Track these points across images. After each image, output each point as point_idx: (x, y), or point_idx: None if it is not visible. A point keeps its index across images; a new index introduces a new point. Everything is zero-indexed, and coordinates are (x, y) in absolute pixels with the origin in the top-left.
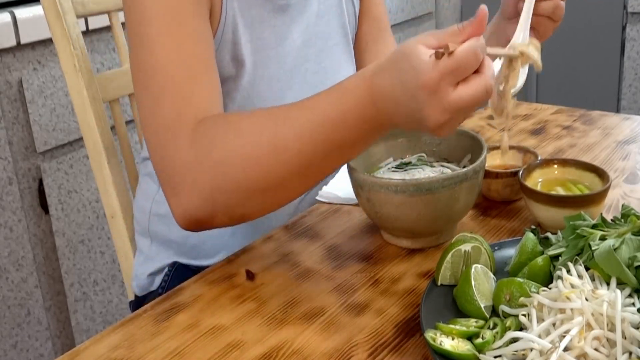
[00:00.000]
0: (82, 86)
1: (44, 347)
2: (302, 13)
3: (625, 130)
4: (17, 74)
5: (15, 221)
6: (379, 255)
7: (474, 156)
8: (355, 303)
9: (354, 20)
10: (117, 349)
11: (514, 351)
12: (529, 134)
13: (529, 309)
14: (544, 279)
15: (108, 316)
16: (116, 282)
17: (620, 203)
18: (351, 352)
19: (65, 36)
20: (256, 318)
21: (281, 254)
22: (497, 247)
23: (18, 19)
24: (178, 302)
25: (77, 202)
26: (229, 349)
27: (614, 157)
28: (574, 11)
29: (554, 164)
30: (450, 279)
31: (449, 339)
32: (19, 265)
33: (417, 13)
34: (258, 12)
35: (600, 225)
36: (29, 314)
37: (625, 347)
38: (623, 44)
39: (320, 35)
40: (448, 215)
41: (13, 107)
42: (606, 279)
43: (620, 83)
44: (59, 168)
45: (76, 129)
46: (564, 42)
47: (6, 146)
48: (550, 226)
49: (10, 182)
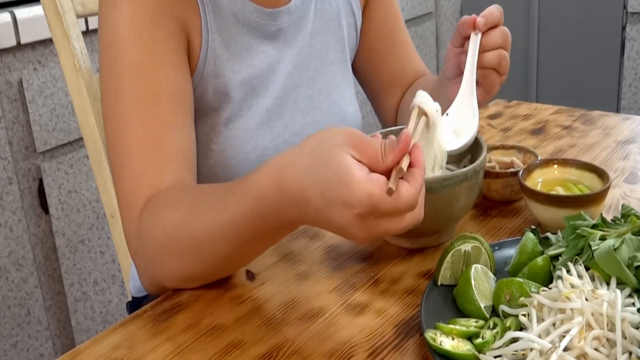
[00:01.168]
0: (82, 86)
1: (44, 347)
2: (296, 35)
3: (625, 130)
4: (17, 74)
5: (15, 221)
6: (379, 255)
7: (474, 156)
8: (355, 303)
9: (354, 34)
10: (117, 349)
11: (514, 351)
12: (529, 134)
13: (529, 309)
14: (544, 279)
15: (108, 316)
16: (116, 282)
17: (620, 203)
18: (351, 352)
19: (65, 36)
20: (256, 318)
21: (281, 254)
22: (497, 247)
23: (18, 19)
24: (178, 302)
25: (77, 202)
26: (229, 349)
27: (614, 157)
28: (574, 11)
29: (554, 164)
30: (450, 279)
31: (449, 339)
32: (19, 265)
33: (417, 13)
34: (245, 40)
35: (600, 225)
36: (29, 313)
37: (625, 347)
38: (623, 44)
39: (315, 55)
40: (448, 215)
41: (13, 107)
42: (606, 279)
43: (620, 83)
44: (59, 168)
45: (76, 129)
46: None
47: (6, 146)
48: (550, 226)
49: (10, 182)
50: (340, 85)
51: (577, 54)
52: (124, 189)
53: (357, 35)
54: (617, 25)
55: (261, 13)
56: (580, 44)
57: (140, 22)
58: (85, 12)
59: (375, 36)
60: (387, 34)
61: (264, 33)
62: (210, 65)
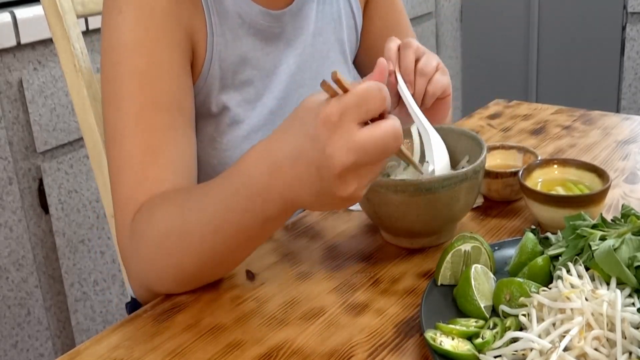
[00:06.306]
0: (82, 86)
1: (44, 347)
2: (298, 36)
3: (625, 130)
4: (17, 74)
5: (15, 221)
6: (379, 255)
7: (474, 156)
8: (355, 303)
9: (354, 36)
10: (117, 349)
11: (514, 351)
12: (529, 134)
13: (529, 309)
14: (544, 279)
15: (108, 316)
16: (116, 282)
17: (620, 203)
18: (351, 352)
19: (65, 36)
20: (256, 318)
21: (281, 254)
22: (497, 247)
23: (18, 19)
24: (178, 302)
25: (77, 202)
26: (229, 349)
27: (614, 157)
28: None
29: (554, 164)
30: (450, 279)
31: (449, 339)
32: (19, 265)
33: (417, 13)
34: (250, 42)
35: (600, 225)
36: (29, 313)
37: (625, 347)
38: (623, 44)
39: (316, 55)
40: (448, 215)
41: (13, 107)
42: (606, 279)
43: (620, 83)
44: (59, 168)
45: (76, 129)
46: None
47: (6, 146)
48: (550, 226)
49: (10, 182)
50: None
51: (577, 54)
52: (121, 193)
53: (358, 37)
54: (617, 25)
55: (267, 15)
56: (580, 44)
57: (145, 29)
58: (85, 12)
59: (375, 35)
60: (388, 33)
61: (269, 35)
62: (215, 67)
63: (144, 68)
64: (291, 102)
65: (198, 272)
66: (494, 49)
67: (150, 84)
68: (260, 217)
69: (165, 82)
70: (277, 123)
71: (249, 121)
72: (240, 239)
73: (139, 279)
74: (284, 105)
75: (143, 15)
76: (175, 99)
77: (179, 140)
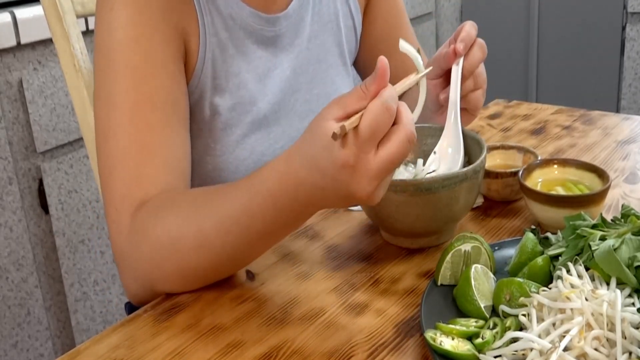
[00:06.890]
0: (82, 86)
1: (44, 347)
2: (293, 40)
3: (625, 130)
4: (17, 74)
5: (15, 221)
6: (379, 255)
7: (474, 156)
8: (355, 303)
9: (353, 37)
10: (117, 349)
11: (514, 351)
12: (529, 134)
13: (529, 309)
14: (544, 279)
15: (108, 316)
16: (116, 282)
17: (620, 203)
18: (351, 352)
19: (65, 36)
20: (256, 318)
21: (281, 254)
22: (497, 247)
23: (18, 19)
24: (178, 302)
25: (77, 202)
26: (229, 349)
27: (614, 157)
28: (574, 11)
29: (554, 164)
30: (450, 279)
31: (449, 339)
32: (19, 265)
33: (417, 13)
34: (242, 44)
35: (600, 225)
36: (29, 313)
37: (625, 347)
38: (623, 44)
39: (312, 59)
40: (448, 215)
41: (13, 107)
42: (606, 279)
43: (620, 83)
44: (59, 168)
45: (76, 129)
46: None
47: (6, 146)
48: (550, 226)
49: (10, 182)
50: (339, 88)
51: (577, 54)
52: (116, 190)
53: (357, 38)
54: (617, 25)
55: (258, 18)
56: (580, 44)
57: (136, 26)
58: (85, 13)
59: (376, 37)
60: (389, 35)
61: (261, 38)
62: (208, 68)
63: (138, 64)
64: (286, 107)
65: (212, 274)
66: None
67: (145, 82)
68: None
69: (159, 78)
70: (271, 128)
71: (243, 126)
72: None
73: (138, 277)
74: (278, 110)
75: (136, 12)
76: (170, 96)
77: (174, 138)
